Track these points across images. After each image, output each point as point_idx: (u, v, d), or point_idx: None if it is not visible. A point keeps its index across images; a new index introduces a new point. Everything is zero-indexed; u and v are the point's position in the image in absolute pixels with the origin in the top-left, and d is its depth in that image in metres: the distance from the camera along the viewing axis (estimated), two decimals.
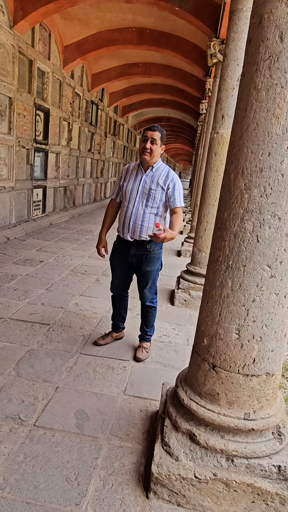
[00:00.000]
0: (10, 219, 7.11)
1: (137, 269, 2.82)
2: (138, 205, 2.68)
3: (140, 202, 2.68)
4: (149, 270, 2.80)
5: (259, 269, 1.48)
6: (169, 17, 6.94)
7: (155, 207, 2.67)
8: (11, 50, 6.43)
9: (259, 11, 1.36)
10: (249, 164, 1.43)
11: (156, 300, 3.02)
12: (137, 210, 2.68)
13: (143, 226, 2.68)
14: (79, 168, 10.94)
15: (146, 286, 2.88)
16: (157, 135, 2.58)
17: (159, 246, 2.81)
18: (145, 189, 2.66)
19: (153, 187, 2.64)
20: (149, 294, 2.92)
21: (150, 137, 2.57)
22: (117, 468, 1.85)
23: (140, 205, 2.68)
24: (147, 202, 2.66)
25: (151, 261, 2.78)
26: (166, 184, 2.64)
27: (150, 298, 2.94)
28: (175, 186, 2.64)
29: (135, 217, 2.68)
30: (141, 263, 2.79)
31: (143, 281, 2.85)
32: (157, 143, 2.59)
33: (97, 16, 7.71)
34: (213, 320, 1.63)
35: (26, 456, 1.87)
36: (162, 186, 2.64)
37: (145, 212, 2.67)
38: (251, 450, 1.60)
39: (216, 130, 3.78)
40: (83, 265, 5.48)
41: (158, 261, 2.84)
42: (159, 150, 2.63)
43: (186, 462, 1.65)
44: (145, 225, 2.67)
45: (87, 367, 2.73)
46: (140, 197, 2.68)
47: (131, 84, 12.76)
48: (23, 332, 3.17)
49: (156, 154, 2.63)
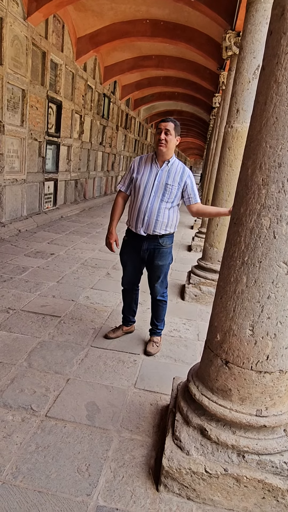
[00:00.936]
0: (21, 211, 7.15)
1: (149, 263, 2.82)
2: (154, 199, 2.64)
3: (156, 196, 2.64)
4: (161, 264, 2.79)
5: (275, 265, 1.47)
6: (184, 8, 6.85)
7: (170, 202, 2.66)
8: (25, 42, 6.42)
9: (282, 2, 1.33)
10: (268, 159, 1.41)
11: (167, 294, 3.02)
12: (152, 205, 2.65)
13: (158, 220, 2.66)
14: (90, 161, 10.93)
15: (158, 280, 2.87)
16: (171, 125, 2.57)
17: (171, 240, 2.81)
18: (161, 184, 2.64)
19: (169, 182, 2.62)
20: (160, 288, 2.92)
21: (164, 128, 2.56)
22: (128, 461, 1.87)
23: (155, 199, 2.64)
24: (163, 197, 2.64)
25: (164, 255, 2.78)
26: (183, 180, 2.66)
27: (161, 292, 2.94)
28: (192, 182, 2.70)
29: (150, 211, 2.65)
30: (153, 258, 2.78)
31: (155, 275, 2.85)
32: (172, 134, 2.57)
33: (111, 7, 7.65)
34: (227, 316, 1.62)
35: (38, 446, 1.90)
36: (179, 182, 2.65)
37: (161, 207, 2.65)
38: (262, 447, 1.60)
39: (231, 124, 3.73)
40: (94, 258, 5.49)
41: (169, 255, 2.84)
42: (174, 141, 2.61)
43: (197, 456, 1.65)
44: (160, 219, 2.66)
45: (97, 360, 2.75)
46: (156, 191, 2.64)
47: (143, 77, 12.66)
48: (34, 324, 3.20)
49: (171, 145, 2.61)
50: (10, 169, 6.55)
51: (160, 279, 2.87)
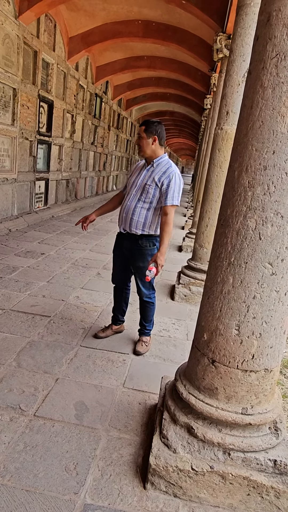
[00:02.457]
0: (12, 210, 7.12)
1: (131, 263, 2.86)
2: (133, 198, 2.71)
3: (135, 196, 2.70)
4: (142, 266, 2.79)
5: (260, 266, 1.50)
6: (176, 10, 6.89)
7: (148, 202, 2.66)
8: (16, 41, 6.39)
9: (268, 9, 1.36)
10: (253, 162, 1.44)
11: (154, 295, 3.00)
12: (131, 203, 2.71)
13: (133, 219, 2.70)
14: (81, 161, 10.91)
15: (140, 282, 2.88)
16: (142, 129, 2.61)
17: (152, 243, 2.76)
18: (142, 184, 2.68)
19: (148, 182, 2.65)
20: (144, 289, 2.90)
21: (137, 134, 2.66)
22: (116, 459, 1.89)
23: (134, 198, 2.70)
24: (140, 197, 2.68)
25: (143, 257, 2.77)
26: (161, 180, 2.61)
27: (147, 293, 2.93)
28: (169, 183, 2.59)
29: (127, 209, 2.72)
30: (134, 258, 2.81)
31: (137, 276, 2.87)
32: (144, 137, 2.61)
33: (103, 7, 7.65)
34: (214, 315, 1.65)
35: (26, 445, 1.90)
36: (157, 182, 2.62)
37: (137, 206, 2.68)
38: (248, 444, 1.63)
39: (221, 126, 3.77)
40: (84, 258, 5.49)
41: (150, 258, 2.77)
42: (148, 142, 2.62)
43: (184, 454, 1.67)
44: (135, 218, 2.69)
45: (87, 360, 2.76)
46: (136, 190, 2.71)
47: (135, 77, 12.68)
48: (24, 324, 3.20)
49: (148, 148, 2.63)
50: (0, 168, 6.52)
51: (142, 280, 2.86)
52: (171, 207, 2.62)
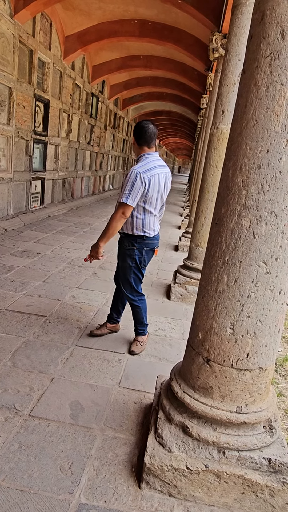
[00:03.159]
0: (8, 210, 7.09)
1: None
2: None
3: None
4: (120, 264, 2.82)
5: (254, 265, 1.50)
6: (172, 9, 6.88)
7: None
8: (12, 40, 6.37)
9: (261, 8, 1.36)
10: (248, 161, 1.44)
11: (140, 298, 2.92)
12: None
13: None
14: (78, 160, 10.89)
15: (122, 284, 2.87)
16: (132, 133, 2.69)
17: (130, 243, 2.71)
18: None
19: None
20: (126, 292, 2.87)
21: None
22: (111, 459, 1.88)
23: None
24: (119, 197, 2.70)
25: (122, 256, 2.79)
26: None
27: (131, 297, 2.87)
28: (125, 179, 2.53)
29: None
30: (118, 256, 2.84)
31: (120, 279, 2.89)
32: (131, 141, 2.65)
33: (99, 6, 7.63)
34: (208, 314, 1.65)
35: (21, 445, 1.90)
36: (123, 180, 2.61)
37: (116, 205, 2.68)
38: (242, 443, 1.63)
39: (216, 125, 3.77)
40: (81, 257, 5.48)
41: (128, 258, 2.74)
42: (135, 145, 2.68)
43: (179, 453, 1.67)
44: None
45: (82, 359, 2.76)
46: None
47: (132, 76, 12.67)
48: (19, 323, 3.18)
49: (134, 149, 2.72)
50: None
51: (124, 283, 2.84)
52: (119, 206, 2.52)
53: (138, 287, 2.88)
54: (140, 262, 2.76)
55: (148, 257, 2.81)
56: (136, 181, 2.47)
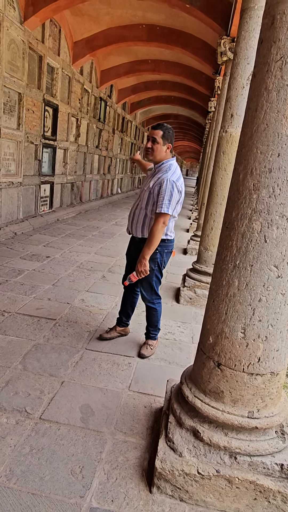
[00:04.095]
0: (17, 214, 7.16)
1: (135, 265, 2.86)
2: (136, 202, 2.80)
3: (137, 200, 2.78)
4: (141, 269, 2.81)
5: (266, 269, 1.49)
6: (180, 14, 6.92)
7: (143, 207, 2.69)
8: (21, 46, 6.45)
9: (272, 12, 1.37)
10: (258, 165, 1.44)
11: (159, 301, 2.96)
12: (133, 207, 2.80)
13: (133, 223, 2.77)
14: (86, 164, 10.96)
15: (142, 286, 2.88)
16: (159, 133, 2.55)
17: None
18: (143, 188, 2.75)
19: (145, 187, 2.68)
20: (146, 294, 2.89)
21: (151, 136, 2.58)
22: (121, 463, 1.88)
23: (137, 202, 2.78)
24: (139, 201, 2.74)
25: None
26: (154, 186, 2.58)
27: (149, 299, 2.90)
28: (160, 189, 2.52)
29: (130, 212, 2.83)
30: (136, 260, 2.82)
31: (139, 280, 2.86)
32: (159, 142, 2.56)
33: (107, 12, 7.70)
34: (219, 318, 1.64)
35: (32, 448, 1.91)
36: (150, 188, 2.61)
37: (136, 210, 2.75)
38: (254, 448, 1.62)
39: (225, 128, 3.77)
40: (89, 261, 5.51)
41: (151, 262, 2.72)
42: (163, 149, 2.59)
43: (190, 458, 1.67)
44: (134, 222, 2.76)
45: (92, 363, 2.76)
46: (139, 195, 2.78)
47: (140, 80, 12.73)
48: (29, 327, 3.21)
49: (159, 153, 2.59)
50: (6, 172, 6.56)
51: (143, 284, 2.85)
52: (160, 216, 2.53)
53: (158, 289, 2.92)
54: (161, 264, 2.80)
55: (167, 258, 2.85)
56: (174, 191, 2.52)
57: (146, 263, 2.59)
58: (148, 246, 2.58)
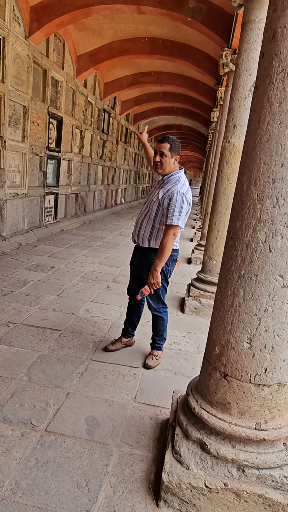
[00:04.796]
0: (22, 225, 7.21)
1: (141, 275, 2.86)
2: (142, 212, 2.80)
3: (144, 210, 2.79)
4: (145, 277, 2.80)
5: (271, 279, 1.49)
6: (182, 27, 7.02)
7: (151, 218, 2.70)
8: (26, 60, 6.57)
9: (273, 26, 1.39)
10: (262, 175, 1.45)
11: (165, 310, 2.98)
12: (140, 217, 2.81)
13: (140, 233, 2.78)
14: (90, 175, 11.05)
15: (149, 295, 2.85)
16: (166, 146, 2.58)
17: None
18: (151, 199, 2.75)
19: (154, 199, 2.69)
20: (153, 303, 2.90)
21: (159, 150, 2.61)
22: (128, 476, 1.86)
23: (143, 213, 2.79)
24: (147, 212, 2.75)
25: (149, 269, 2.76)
26: (163, 198, 2.60)
27: (156, 307, 2.91)
28: (170, 201, 2.55)
29: (137, 222, 2.83)
30: (142, 269, 2.85)
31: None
32: (167, 155, 2.59)
33: (110, 26, 7.83)
34: (225, 329, 1.64)
35: (38, 461, 1.89)
36: (160, 199, 2.63)
37: (143, 221, 2.76)
38: (262, 461, 1.60)
39: (228, 139, 3.80)
40: (94, 271, 5.52)
41: None
42: (171, 161, 2.62)
43: (197, 471, 1.65)
44: (141, 232, 2.76)
45: (97, 374, 2.75)
46: (146, 205, 2.79)
47: (142, 92, 12.88)
48: (34, 338, 3.21)
49: (167, 165, 2.63)
50: (11, 183, 6.63)
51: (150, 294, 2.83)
52: (170, 227, 2.55)
53: (164, 298, 2.93)
54: (167, 273, 2.81)
55: (173, 267, 2.87)
56: (184, 203, 2.56)
57: (158, 275, 2.60)
58: (159, 258, 2.59)
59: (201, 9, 5.93)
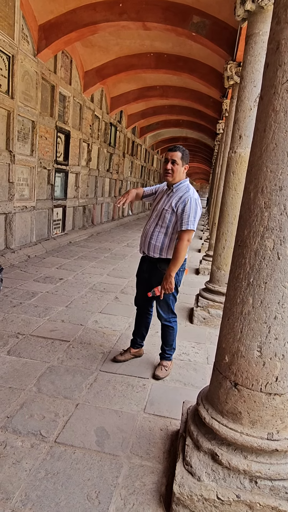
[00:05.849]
0: (31, 237, 7.28)
1: (150, 285, 2.86)
2: (152, 223, 2.79)
3: (154, 220, 2.78)
4: None
5: (280, 286, 1.49)
6: (186, 42, 7.15)
7: (164, 227, 2.71)
8: (35, 77, 6.73)
9: (276, 38, 1.42)
10: (269, 183, 1.46)
11: (175, 320, 2.98)
12: (150, 227, 2.79)
13: (151, 243, 2.77)
14: (97, 187, 11.16)
15: (159, 305, 2.88)
16: (178, 155, 2.64)
17: None
18: (160, 209, 2.75)
19: (166, 207, 2.70)
20: (163, 313, 2.90)
21: (171, 158, 2.65)
22: (138, 488, 1.84)
23: (153, 223, 2.78)
24: (158, 221, 2.75)
25: (161, 280, 2.75)
26: (177, 205, 2.65)
27: (166, 317, 2.92)
28: (184, 207, 2.60)
29: (147, 233, 2.81)
30: (152, 280, 2.84)
31: (156, 299, 2.87)
32: (178, 163, 2.65)
33: (117, 43, 8.01)
34: (234, 337, 1.63)
35: (48, 472, 1.88)
36: (173, 207, 2.66)
37: (155, 231, 2.75)
38: (275, 472, 1.57)
39: (234, 149, 3.83)
40: (102, 282, 5.53)
41: None
42: (181, 169, 2.68)
43: (209, 482, 1.62)
44: (153, 242, 2.75)
45: (106, 385, 2.74)
46: (156, 215, 2.78)
47: (148, 106, 13.07)
48: (43, 349, 3.21)
49: (178, 174, 2.68)
50: (20, 196, 6.72)
51: (161, 303, 2.86)
52: (185, 232, 2.62)
53: (174, 308, 2.93)
54: (177, 283, 2.82)
55: (182, 276, 2.87)
56: (197, 208, 2.64)
57: (172, 280, 2.64)
58: (174, 264, 2.63)
59: (205, 24, 6.04)
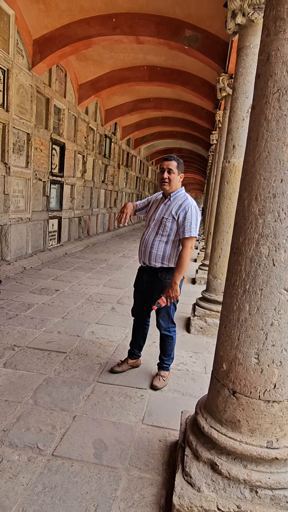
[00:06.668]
0: (26, 249, 7.27)
1: (151, 296, 2.85)
2: (151, 232, 2.78)
3: (154, 229, 2.77)
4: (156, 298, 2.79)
5: (276, 292, 1.50)
6: (179, 55, 7.28)
7: (165, 235, 2.72)
8: (30, 90, 6.80)
9: (267, 49, 1.45)
10: (262, 191, 1.48)
11: (174, 329, 2.97)
12: (149, 237, 2.78)
13: (152, 253, 2.76)
14: (93, 198, 11.20)
15: (159, 314, 2.88)
16: (173, 164, 2.67)
17: (171, 275, 2.74)
18: (159, 217, 2.75)
19: (165, 216, 2.71)
20: (162, 322, 2.89)
21: (167, 168, 2.68)
22: (137, 500, 1.81)
23: (152, 232, 2.78)
24: (158, 230, 2.75)
25: (162, 289, 2.76)
26: (178, 213, 2.67)
27: (165, 327, 2.91)
28: (186, 215, 2.64)
29: (146, 243, 2.79)
30: (153, 290, 2.83)
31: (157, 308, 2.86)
32: (175, 172, 2.68)
33: (110, 56, 8.14)
34: (232, 344, 1.63)
35: (45, 486, 1.85)
36: (173, 215, 2.68)
37: (155, 240, 2.75)
38: (275, 481, 1.55)
39: (228, 159, 3.87)
40: (98, 293, 5.51)
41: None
42: (178, 178, 2.72)
43: (209, 493, 1.60)
44: (154, 252, 2.75)
45: (104, 396, 2.71)
46: (154, 224, 2.78)
47: (142, 118, 13.23)
48: (40, 361, 3.18)
49: (175, 183, 2.71)
50: (15, 208, 6.73)
51: (161, 313, 2.85)
52: (189, 240, 2.66)
53: (173, 317, 2.93)
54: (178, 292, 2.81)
55: (181, 285, 2.84)
56: (198, 215, 2.70)
57: (177, 288, 2.65)
58: (179, 271, 2.65)
59: (197, 37, 6.16)
